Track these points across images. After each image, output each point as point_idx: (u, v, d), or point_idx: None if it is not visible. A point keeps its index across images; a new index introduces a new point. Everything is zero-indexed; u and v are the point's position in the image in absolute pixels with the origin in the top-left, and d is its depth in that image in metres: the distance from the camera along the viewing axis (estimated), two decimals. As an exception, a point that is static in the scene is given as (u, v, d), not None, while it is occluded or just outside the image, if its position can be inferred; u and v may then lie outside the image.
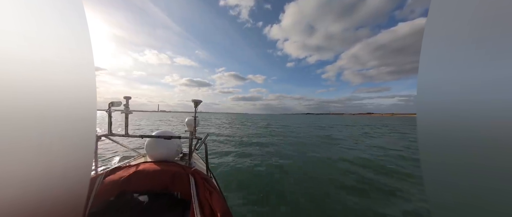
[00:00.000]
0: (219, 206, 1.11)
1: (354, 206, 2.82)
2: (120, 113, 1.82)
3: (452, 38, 0.47)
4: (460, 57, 0.45)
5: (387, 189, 3.46)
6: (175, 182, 1.53)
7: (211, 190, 1.32)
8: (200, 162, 2.29)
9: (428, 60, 0.53)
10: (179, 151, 2.12)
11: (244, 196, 3.04)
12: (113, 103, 1.66)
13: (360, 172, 4.45)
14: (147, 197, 1.56)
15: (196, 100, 2.01)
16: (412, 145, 8.33)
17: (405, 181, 3.87)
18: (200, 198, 1.27)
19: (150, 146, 1.89)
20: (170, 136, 1.75)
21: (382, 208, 2.75)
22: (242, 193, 3.14)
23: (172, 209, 1.48)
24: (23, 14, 0.49)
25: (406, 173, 4.36)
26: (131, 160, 2.00)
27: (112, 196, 1.41)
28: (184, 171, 1.58)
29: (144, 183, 1.51)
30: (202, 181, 1.43)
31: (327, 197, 3.12)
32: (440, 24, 0.50)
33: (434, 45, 0.51)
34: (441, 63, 0.49)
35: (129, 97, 1.82)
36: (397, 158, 5.95)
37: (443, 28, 0.49)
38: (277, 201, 2.94)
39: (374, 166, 4.96)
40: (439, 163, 0.50)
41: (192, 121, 2.11)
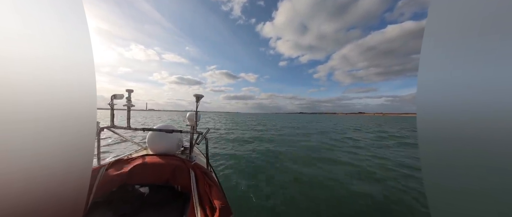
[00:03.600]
0: (218, 199, 1.13)
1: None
2: (123, 106, 1.84)
3: (452, 38, 0.47)
4: (460, 57, 0.45)
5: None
6: (176, 175, 1.55)
7: (211, 184, 1.34)
8: (200, 156, 2.32)
9: (428, 60, 0.52)
10: (180, 145, 2.15)
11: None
12: (115, 96, 1.68)
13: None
14: (148, 189, 1.59)
15: (198, 94, 2.03)
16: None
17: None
18: (200, 191, 1.30)
19: (152, 139, 1.91)
20: (172, 130, 1.77)
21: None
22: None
23: (172, 202, 1.51)
24: (24, 14, 0.49)
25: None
26: (132, 153, 2.03)
27: (114, 188, 1.43)
28: (185, 165, 1.60)
29: (145, 175, 1.54)
30: (202, 175, 1.45)
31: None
32: (440, 24, 0.49)
33: (434, 45, 0.51)
34: (441, 63, 0.49)
35: (132, 90, 1.84)
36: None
37: (443, 28, 0.49)
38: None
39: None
40: (439, 163, 0.51)
41: (193, 115, 2.13)
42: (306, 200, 2.82)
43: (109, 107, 1.70)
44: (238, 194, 2.96)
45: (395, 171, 4.26)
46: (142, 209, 1.40)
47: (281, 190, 3.10)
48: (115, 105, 1.72)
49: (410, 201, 2.83)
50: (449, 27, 0.47)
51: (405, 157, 5.70)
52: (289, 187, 3.25)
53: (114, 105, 1.71)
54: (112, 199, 1.40)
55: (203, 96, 2.09)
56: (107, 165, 1.50)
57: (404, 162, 5.03)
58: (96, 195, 1.30)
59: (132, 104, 1.85)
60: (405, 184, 3.46)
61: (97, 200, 1.32)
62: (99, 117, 1.62)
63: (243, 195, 2.92)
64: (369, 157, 5.53)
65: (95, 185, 1.31)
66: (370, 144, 7.94)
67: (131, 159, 1.63)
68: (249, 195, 2.91)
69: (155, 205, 1.47)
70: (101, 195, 1.35)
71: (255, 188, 3.15)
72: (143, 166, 1.55)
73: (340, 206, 2.68)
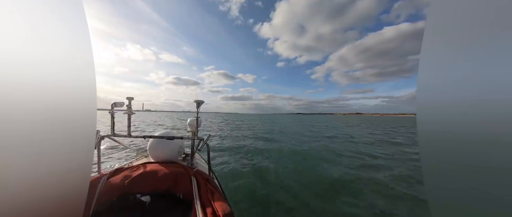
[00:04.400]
0: (221, 206, 1.12)
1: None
2: (123, 114, 1.84)
3: (452, 38, 0.47)
4: (460, 57, 0.45)
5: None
6: (178, 183, 1.54)
7: (213, 191, 1.32)
8: (202, 162, 2.30)
9: (428, 60, 0.53)
10: (181, 151, 2.14)
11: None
12: (116, 104, 1.68)
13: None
14: (150, 198, 1.58)
15: (199, 100, 2.03)
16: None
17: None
18: (202, 198, 1.28)
19: (153, 146, 1.90)
20: (173, 137, 1.76)
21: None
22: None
23: (174, 210, 1.49)
24: (24, 14, 0.49)
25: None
26: (133, 161, 2.02)
27: (115, 197, 1.42)
28: (186, 172, 1.59)
29: (146, 183, 1.52)
30: (204, 182, 1.43)
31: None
32: (440, 24, 0.50)
33: (434, 45, 0.51)
34: (441, 63, 0.49)
35: (132, 98, 1.84)
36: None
37: (443, 28, 0.49)
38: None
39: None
40: (439, 163, 0.50)
41: (194, 121, 2.12)
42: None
43: (105, 108, 1.70)
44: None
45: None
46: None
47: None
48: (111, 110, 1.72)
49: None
50: (449, 27, 0.48)
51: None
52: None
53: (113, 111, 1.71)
54: (113, 208, 1.39)
55: (203, 102, 2.09)
56: (108, 174, 1.49)
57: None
58: (97, 205, 1.29)
59: (133, 112, 1.85)
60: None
61: (97, 210, 1.31)
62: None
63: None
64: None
65: (96, 195, 1.30)
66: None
67: (132, 168, 1.61)
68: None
69: (157, 213, 1.45)
70: (102, 205, 1.34)
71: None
72: (144, 175, 1.54)
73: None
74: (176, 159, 2.01)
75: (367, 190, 3.49)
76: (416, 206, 2.95)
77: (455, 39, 0.46)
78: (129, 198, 1.49)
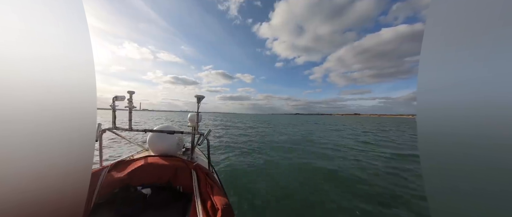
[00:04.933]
0: (220, 200, 1.13)
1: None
2: (124, 107, 1.85)
3: (452, 38, 0.47)
4: (460, 57, 0.45)
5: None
6: (178, 176, 1.56)
7: (212, 185, 1.34)
8: (202, 157, 2.32)
9: (428, 60, 0.53)
10: (181, 145, 2.16)
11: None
12: (117, 97, 1.69)
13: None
14: (150, 190, 1.60)
15: (199, 95, 2.04)
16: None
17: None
18: (202, 192, 1.30)
19: (153, 140, 1.92)
20: (173, 131, 1.78)
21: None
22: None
23: (174, 202, 1.52)
24: (24, 14, 0.49)
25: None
26: (134, 154, 2.04)
27: (116, 189, 1.44)
28: (186, 166, 1.61)
29: (147, 176, 1.54)
30: (204, 176, 1.45)
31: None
32: (439, 25, 0.50)
33: (434, 45, 0.51)
34: (441, 63, 0.49)
35: (133, 91, 1.85)
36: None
37: (443, 28, 0.49)
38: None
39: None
40: (439, 163, 0.50)
41: (194, 116, 2.13)
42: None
43: (101, 107, 1.71)
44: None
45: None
46: (144, 210, 1.40)
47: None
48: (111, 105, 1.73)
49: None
50: (449, 27, 0.48)
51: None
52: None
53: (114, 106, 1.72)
54: (114, 200, 1.41)
55: (204, 97, 2.10)
56: (109, 167, 1.51)
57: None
58: (99, 197, 1.31)
59: (134, 106, 1.86)
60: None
61: (99, 201, 1.33)
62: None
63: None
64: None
65: (98, 187, 1.32)
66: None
67: (133, 161, 1.63)
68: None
69: (157, 206, 1.47)
70: (104, 196, 1.36)
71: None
72: (145, 167, 1.56)
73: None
74: (175, 153, 2.03)
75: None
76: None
77: (456, 39, 0.46)
78: (130, 190, 1.51)
